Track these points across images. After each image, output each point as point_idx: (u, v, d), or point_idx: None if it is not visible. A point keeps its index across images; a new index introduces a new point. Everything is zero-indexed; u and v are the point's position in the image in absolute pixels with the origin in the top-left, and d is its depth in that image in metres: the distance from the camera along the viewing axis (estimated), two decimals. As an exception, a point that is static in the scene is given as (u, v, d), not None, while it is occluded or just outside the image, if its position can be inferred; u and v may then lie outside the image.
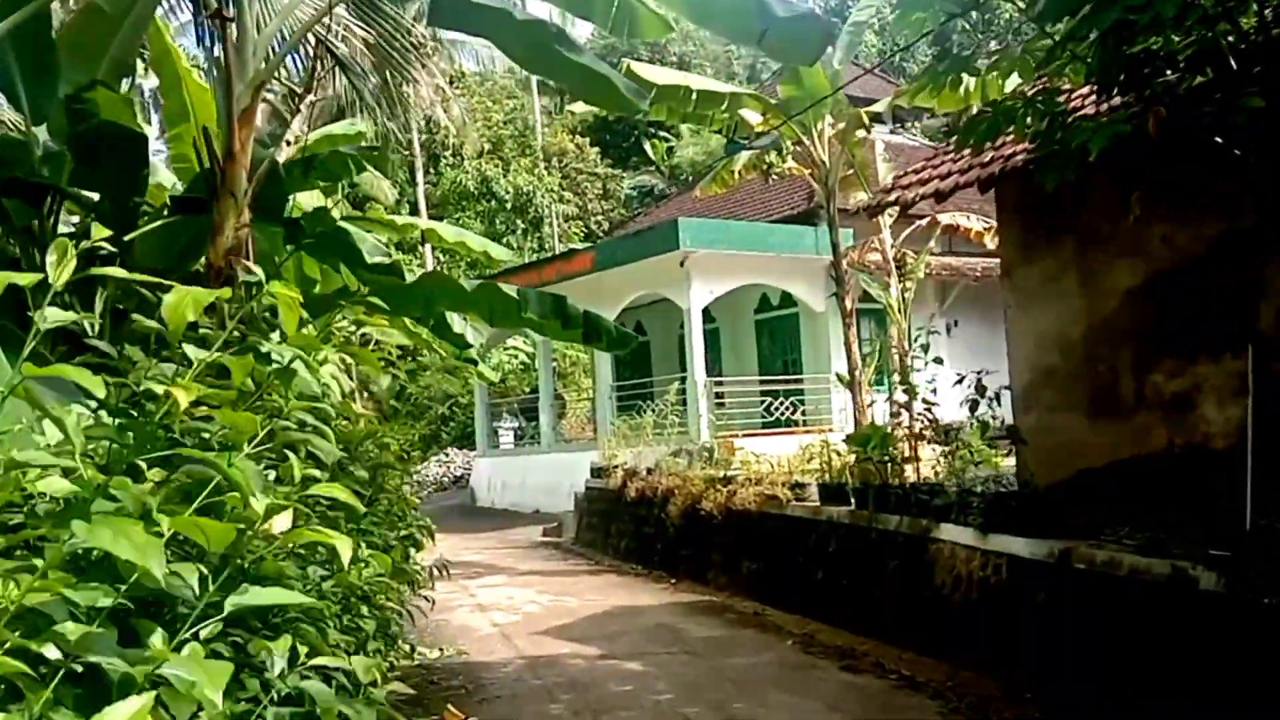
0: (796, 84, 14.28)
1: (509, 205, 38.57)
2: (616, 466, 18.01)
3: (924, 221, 17.75)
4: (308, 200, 12.45)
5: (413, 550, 7.88)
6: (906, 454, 11.22)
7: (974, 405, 9.63)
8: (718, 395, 21.82)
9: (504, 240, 38.34)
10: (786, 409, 22.46)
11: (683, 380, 22.71)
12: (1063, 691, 7.99)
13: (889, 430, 11.03)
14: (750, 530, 13.28)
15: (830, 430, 22.60)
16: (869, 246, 17.37)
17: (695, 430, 20.85)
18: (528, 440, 29.10)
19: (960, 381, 9.94)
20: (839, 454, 13.14)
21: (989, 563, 9.22)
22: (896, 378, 16.22)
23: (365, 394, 39.07)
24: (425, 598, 8.31)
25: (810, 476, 13.36)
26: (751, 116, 15.51)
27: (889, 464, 11.01)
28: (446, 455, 34.98)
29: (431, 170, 45.59)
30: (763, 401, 22.48)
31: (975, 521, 9.33)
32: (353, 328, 14.20)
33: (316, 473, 3.09)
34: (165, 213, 8.27)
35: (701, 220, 22.34)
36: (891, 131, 28.22)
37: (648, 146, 52.02)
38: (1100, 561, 7.86)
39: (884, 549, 10.64)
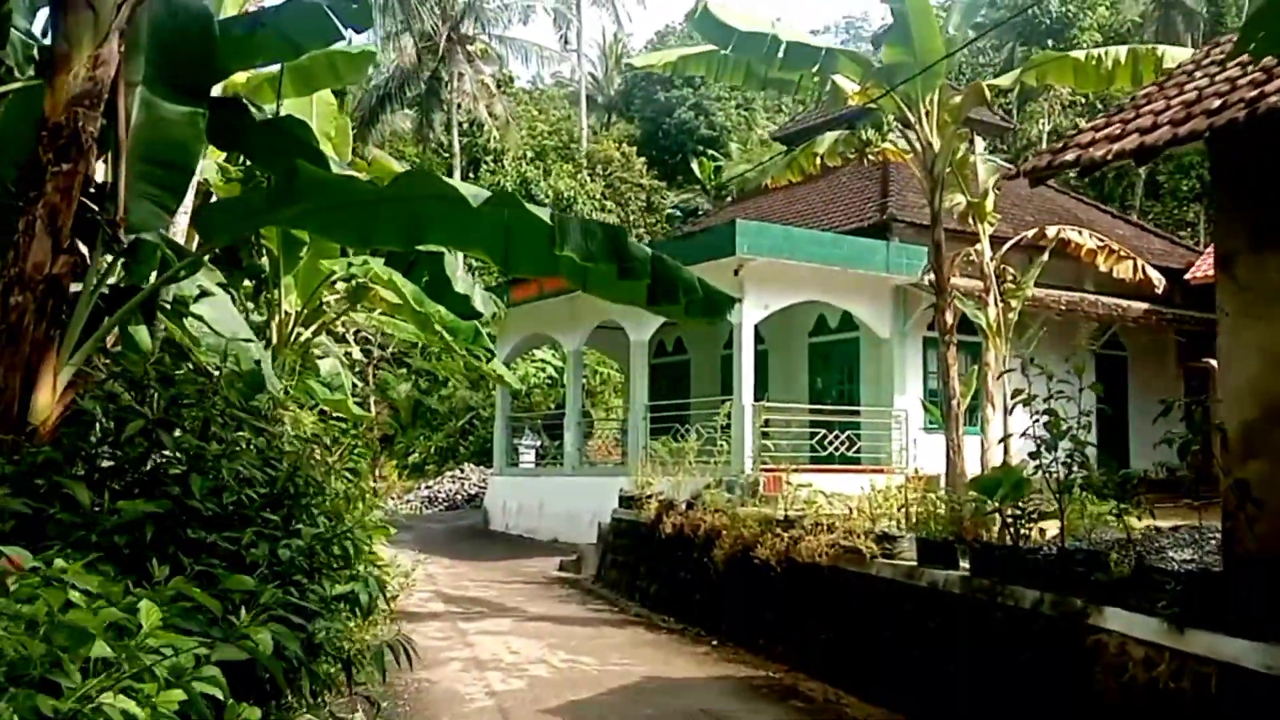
0: (904, 46, 11.59)
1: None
2: (650, 496, 15.28)
3: (1030, 234, 14.95)
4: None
5: (353, 617, 5.10)
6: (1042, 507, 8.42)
7: (1185, 449, 6.83)
8: (765, 423, 18.99)
9: (539, 247, 35.77)
10: (842, 444, 19.66)
11: (724, 404, 20.02)
12: None
13: (1026, 475, 8.26)
14: (820, 589, 10.49)
15: (889, 471, 19.82)
16: (962, 261, 14.59)
17: (738, 461, 18.10)
18: (550, 460, 26.38)
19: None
20: (939, 500, 10.39)
21: (1187, 670, 6.44)
22: (990, 412, 13.44)
23: (380, 399, 36.54)
24: (368, 698, 5.58)
25: (886, 523, 10.62)
26: (846, 85, 12.76)
27: (1021, 519, 8.23)
28: (462, 471, 32.32)
29: (471, 175, 43.16)
30: (815, 434, 19.65)
31: (1167, 609, 6.56)
32: (348, 308, 11.51)
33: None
34: (33, 72, 5.63)
35: (761, 224, 19.64)
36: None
37: (695, 165, 49.50)
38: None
39: (1015, 632, 7.85)
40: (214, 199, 9.23)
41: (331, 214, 4.61)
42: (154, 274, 5.10)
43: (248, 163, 9.65)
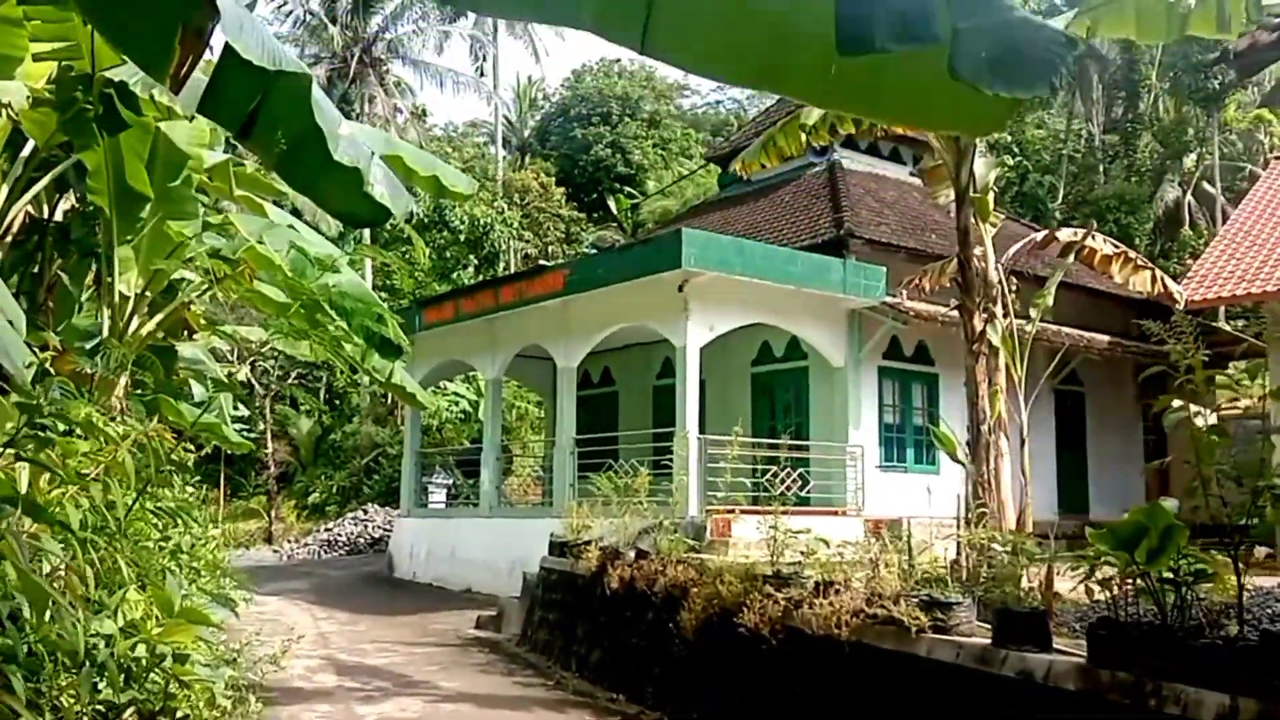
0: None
1: (463, 237, 32.90)
2: (588, 542, 12.30)
3: (1039, 236, 12.41)
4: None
5: None
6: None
7: None
8: (733, 458, 16.04)
9: (454, 276, 32.65)
10: (794, 483, 16.83)
11: (657, 439, 17.18)
12: None
13: (1178, 521, 5.52)
14: (839, 671, 7.59)
15: (842, 512, 17.13)
16: (953, 272, 11.97)
17: (683, 501, 15.14)
18: (463, 501, 23.16)
19: None
20: (996, 548, 7.61)
21: None
22: (1004, 444, 10.72)
23: (279, 435, 32.96)
24: None
25: (899, 579, 7.80)
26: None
27: (1183, 585, 5.46)
28: (366, 512, 28.84)
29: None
30: (764, 471, 16.74)
31: None
32: (209, 288, 8.45)
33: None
34: None
35: (710, 234, 16.86)
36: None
37: (611, 201, 46.94)
38: None
39: (1187, 758, 5.05)
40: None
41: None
42: None
43: (70, 68, 6.58)
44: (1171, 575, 5.48)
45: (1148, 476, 22.00)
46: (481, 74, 44.22)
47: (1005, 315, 10.86)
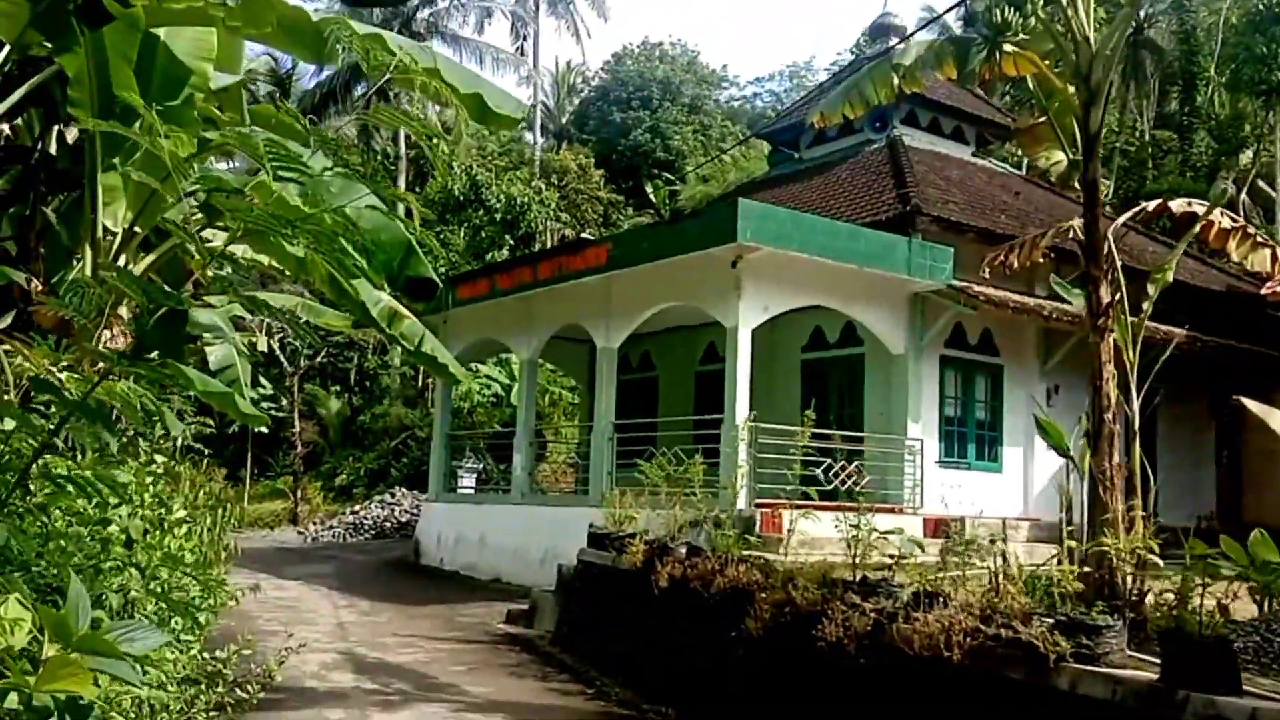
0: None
1: (499, 217, 31.62)
2: (632, 535, 11.05)
3: (1150, 205, 10.94)
4: None
5: None
6: None
7: None
8: (761, 449, 14.65)
9: (489, 256, 31.39)
10: (849, 477, 15.42)
11: (699, 425, 15.88)
12: None
13: None
14: (946, 699, 6.26)
15: (899, 510, 15.73)
16: (1052, 238, 10.61)
17: (732, 493, 13.79)
18: (493, 486, 21.90)
19: None
20: (1157, 560, 6.26)
21: None
22: (1117, 438, 9.31)
23: (307, 415, 31.84)
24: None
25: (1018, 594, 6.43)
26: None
27: None
28: (393, 496, 27.64)
29: (418, 188, 38.61)
30: (817, 464, 15.30)
31: None
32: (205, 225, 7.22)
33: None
34: None
35: (766, 206, 15.46)
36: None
37: (649, 188, 45.50)
38: None
39: None
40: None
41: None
42: None
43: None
44: None
45: (1220, 480, 20.54)
46: (522, 53, 42.92)
47: (1116, 293, 9.45)
